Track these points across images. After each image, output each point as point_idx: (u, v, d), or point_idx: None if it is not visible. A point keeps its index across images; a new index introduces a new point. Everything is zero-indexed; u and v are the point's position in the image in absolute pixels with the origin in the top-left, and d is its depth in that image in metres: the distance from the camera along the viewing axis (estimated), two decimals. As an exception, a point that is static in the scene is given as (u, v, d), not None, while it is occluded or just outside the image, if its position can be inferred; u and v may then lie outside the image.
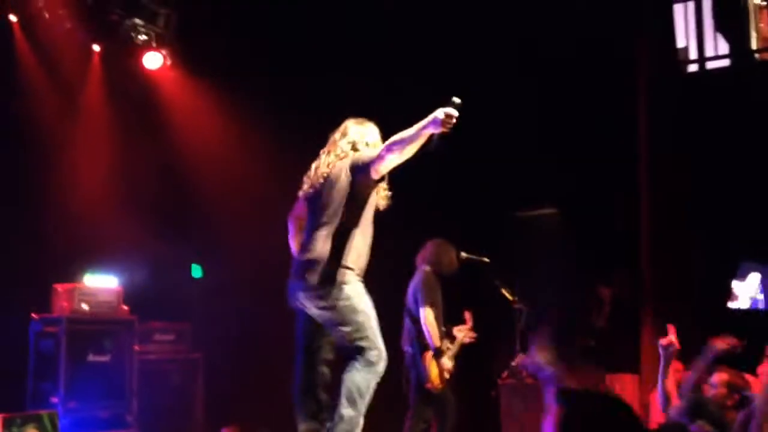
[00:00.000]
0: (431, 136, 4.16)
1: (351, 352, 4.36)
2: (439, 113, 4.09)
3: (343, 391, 4.32)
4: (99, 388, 6.45)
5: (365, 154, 4.41)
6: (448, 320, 6.46)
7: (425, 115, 4.12)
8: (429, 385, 6.22)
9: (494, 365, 6.92)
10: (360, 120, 4.64)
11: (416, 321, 6.39)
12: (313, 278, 4.37)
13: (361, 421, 4.33)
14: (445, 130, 4.11)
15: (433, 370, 6.29)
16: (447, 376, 6.34)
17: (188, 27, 8.22)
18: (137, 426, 6.58)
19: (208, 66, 8.26)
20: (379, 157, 4.27)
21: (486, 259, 6.56)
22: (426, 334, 6.29)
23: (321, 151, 4.58)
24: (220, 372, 7.32)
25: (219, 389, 7.29)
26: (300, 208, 4.68)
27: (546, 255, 7.42)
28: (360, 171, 4.36)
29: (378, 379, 4.34)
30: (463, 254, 6.57)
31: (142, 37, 8.16)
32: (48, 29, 7.80)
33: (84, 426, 6.22)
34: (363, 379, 4.31)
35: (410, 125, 4.16)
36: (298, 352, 4.65)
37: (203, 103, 8.35)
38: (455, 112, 4.10)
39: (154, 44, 8.21)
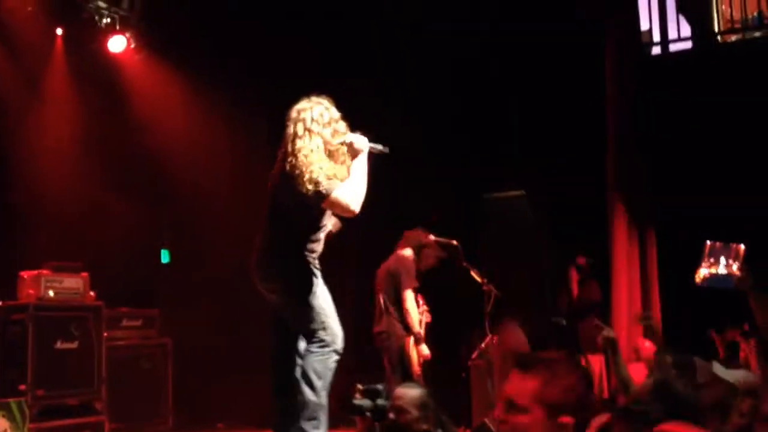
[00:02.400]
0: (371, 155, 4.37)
1: (304, 335, 4.43)
2: (360, 142, 4.35)
3: (302, 376, 4.38)
4: (67, 376, 6.37)
5: (323, 187, 4.29)
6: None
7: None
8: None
9: (464, 347, 6.98)
10: (321, 101, 4.54)
11: (389, 303, 6.44)
12: (264, 264, 4.45)
13: (325, 402, 4.37)
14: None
15: (413, 356, 6.37)
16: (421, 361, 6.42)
17: (152, 10, 8.12)
18: (106, 413, 6.54)
19: (172, 49, 8.17)
20: (337, 205, 4.31)
21: (455, 242, 6.60)
22: (407, 316, 6.36)
23: (287, 135, 4.48)
24: (189, 357, 7.29)
25: (188, 374, 7.27)
26: (271, 192, 4.70)
27: (514, 237, 7.48)
28: (316, 203, 4.34)
29: (336, 358, 4.39)
30: (432, 237, 6.61)
31: (106, 20, 8.06)
32: (10, 12, 7.67)
33: (53, 414, 6.15)
34: (318, 362, 4.37)
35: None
36: (270, 337, 4.63)
37: (168, 86, 8.25)
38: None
39: (118, 27, 8.12)
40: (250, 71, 8.19)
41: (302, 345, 4.49)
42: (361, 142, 4.40)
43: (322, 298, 4.45)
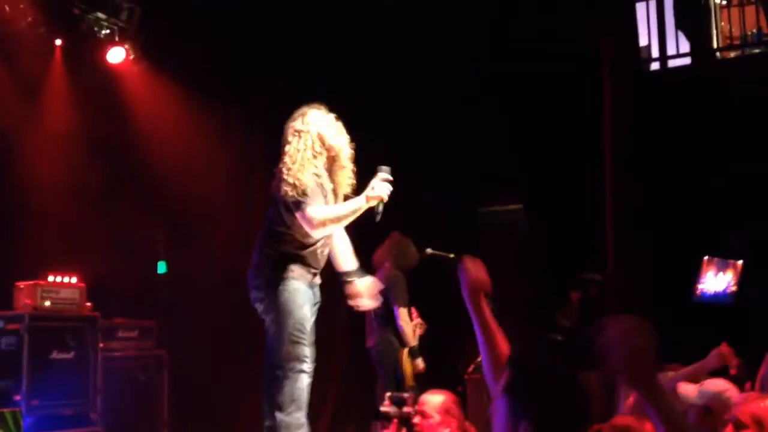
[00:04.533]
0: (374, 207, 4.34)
1: (276, 351, 4.39)
2: (376, 191, 4.28)
3: (274, 396, 4.35)
4: (63, 386, 6.34)
5: (302, 199, 4.33)
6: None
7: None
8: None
9: (460, 361, 6.97)
10: (318, 107, 4.62)
11: (384, 318, 6.43)
12: (253, 269, 4.49)
13: (297, 421, 4.34)
14: (384, 198, 4.32)
15: (408, 369, 6.36)
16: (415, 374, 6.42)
17: (151, 21, 8.14)
18: (101, 424, 6.50)
19: (171, 60, 8.19)
20: (309, 222, 4.31)
21: (451, 255, 6.59)
22: (402, 332, 6.35)
23: (287, 138, 4.54)
24: (185, 369, 7.26)
25: (184, 386, 7.23)
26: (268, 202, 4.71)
27: (510, 250, 7.48)
28: (291, 208, 4.37)
29: (307, 379, 4.36)
30: (429, 250, 6.59)
31: (105, 31, 8.08)
32: (9, 22, 7.68)
33: (47, 424, 6.12)
34: (295, 384, 4.34)
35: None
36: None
37: (167, 98, 8.26)
38: (383, 192, 4.31)
39: (116, 38, 8.14)
40: (249, 84, 8.22)
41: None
42: (379, 192, 4.37)
43: (300, 315, 4.38)
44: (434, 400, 4.09)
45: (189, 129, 8.17)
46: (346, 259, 4.76)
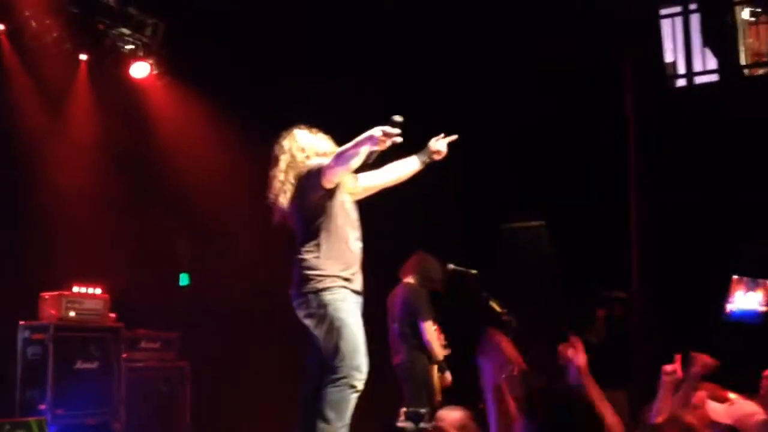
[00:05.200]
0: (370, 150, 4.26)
1: (329, 363, 4.32)
2: (377, 131, 4.18)
3: (320, 404, 4.28)
4: (86, 396, 6.39)
5: (316, 164, 4.42)
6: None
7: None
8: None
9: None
10: (308, 128, 4.66)
11: (409, 334, 6.43)
12: (296, 287, 4.41)
13: None
14: (381, 147, 4.21)
15: (437, 384, 6.36)
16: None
17: (175, 37, 8.23)
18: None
19: (195, 75, 8.27)
20: (329, 168, 4.33)
21: (474, 271, 6.60)
22: (429, 347, 6.35)
23: (271, 162, 4.59)
24: (206, 380, 7.27)
25: (206, 398, 7.23)
26: (282, 216, 4.64)
27: (533, 267, 7.48)
28: (313, 182, 4.39)
29: (355, 393, 4.29)
30: (451, 266, 6.60)
31: (129, 47, 8.17)
32: (35, 38, 7.78)
33: (72, 432, 6.18)
34: (335, 393, 4.27)
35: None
36: (308, 362, 4.57)
37: (190, 112, 8.34)
38: (394, 131, 4.18)
39: (140, 53, 8.23)
40: (270, 99, 8.27)
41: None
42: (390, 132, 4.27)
43: (348, 327, 4.34)
44: (451, 416, 4.05)
45: (211, 142, 8.23)
46: (403, 164, 4.77)
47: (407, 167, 4.77)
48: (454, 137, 4.80)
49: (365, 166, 4.40)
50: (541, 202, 7.44)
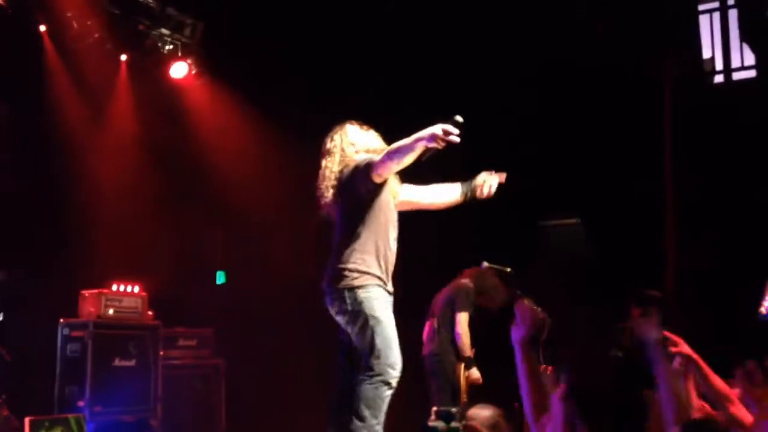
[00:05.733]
0: (426, 148, 4.20)
1: (362, 359, 4.33)
2: (437, 129, 4.14)
3: (354, 402, 4.27)
4: (124, 393, 6.47)
5: (368, 159, 4.43)
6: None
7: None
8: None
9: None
10: (360, 124, 4.66)
11: (446, 327, 6.43)
12: (331, 283, 4.41)
13: (377, 430, 4.27)
14: (439, 146, 4.16)
15: (463, 382, 6.33)
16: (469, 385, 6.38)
17: (214, 37, 8.30)
18: (161, 431, 6.62)
19: (233, 74, 8.33)
20: (381, 162, 4.31)
21: (509, 269, 6.55)
22: (458, 339, 6.33)
23: (322, 154, 4.60)
24: (242, 378, 7.33)
25: (241, 395, 7.29)
26: (328, 211, 4.68)
27: (569, 264, 7.39)
28: (363, 176, 4.39)
29: (389, 391, 4.28)
30: (486, 264, 6.57)
31: (169, 47, 8.27)
32: (76, 39, 7.91)
33: (110, 430, 6.26)
34: (370, 390, 4.26)
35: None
36: (339, 359, 4.58)
37: (229, 111, 8.41)
38: (454, 131, 4.14)
39: (180, 53, 8.32)
40: (306, 97, 8.29)
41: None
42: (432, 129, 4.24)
43: (382, 325, 4.33)
44: (482, 414, 3.99)
45: (249, 141, 8.29)
46: (446, 190, 4.76)
47: (449, 195, 4.75)
48: (503, 176, 4.73)
49: (416, 171, 4.38)
50: (577, 199, 7.34)
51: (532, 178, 7.42)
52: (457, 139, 4.15)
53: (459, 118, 4.18)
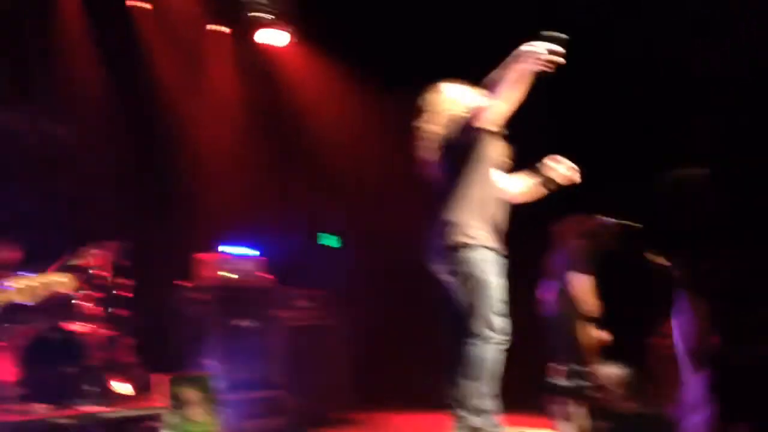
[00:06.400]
0: (531, 74, 4.00)
1: (471, 321, 4.24)
2: (539, 48, 3.95)
3: (463, 365, 4.21)
4: (245, 354, 6.47)
5: (468, 106, 4.35)
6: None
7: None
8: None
9: (645, 332, 6.71)
10: (456, 81, 4.58)
11: (562, 287, 6.29)
12: (439, 242, 4.32)
13: (487, 391, 4.20)
14: (546, 69, 3.97)
15: (587, 341, 6.17)
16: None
17: (312, 4, 8.25)
18: (286, 389, 6.61)
19: (334, 42, 8.28)
20: (483, 107, 4.19)
21: (635, 224, 6.37)
22: (580, 301, 6.18)
23: (422, 114, 4.52)
24: (360, 338, 7.26)
25: (364, 355, 7.22)
26: (431, 171, 4.58)
27: (695, 219, 7.14)
28: (465, 128, 4.29)
29: (498, 353, 4.19)
30: (611, 220, 6.40)
31: (268, 16, 8.27)
32: (177, 11, 7.98)
33: (234, 388, 6.26)
34: (478, 353, 4.18)
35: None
36: (448, 320, 4.48)
37: (330, 80, 8.37)
38: (559, 49, 3.93)
39: (279, 22, 8.32)
40: (408, 62, 8.18)
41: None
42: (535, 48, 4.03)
43: (491, 287, 4.24)
44: (612, 374, 3.89)
45: (354, 109, 8.22)
46: (521, 181, 4.66)
47: (523, 187, 4.64)
48: (577, 176, 4.64)
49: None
50: (706, 150, 7.07)
51: (656, 127, 7.21)
52: (563, 60, 3.97)
53: (560, 35, 3.97)
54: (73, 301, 5.75)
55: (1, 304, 3.09)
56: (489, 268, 4.26)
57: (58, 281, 3.25)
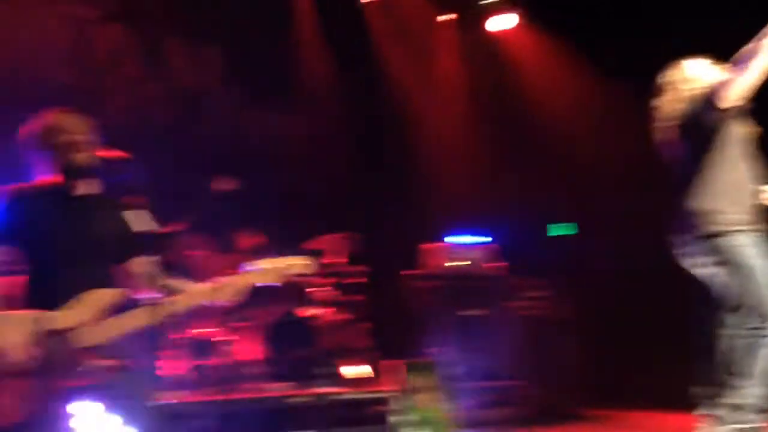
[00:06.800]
0: None
1: (735, 313, 3.92)
2: None
3: (728, 360, 3.90)
4: (474, 343, 6.43)
5: (709, 83, 4.03)
6: None
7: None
8: None
9: None
10: (697, 58, 4.26)
11: None
12: (690, 233, 4.01)
13: (756, 392, 3.85)
14: None
15: None
16: None
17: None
18: (516, 379, 6.51)
19: (559, 23, 8.03)
20: (726, 82, 3.88)
21: None
22: None
23: (660, 93, 4.28)
24: (591, 331, 6.99)
25: (594, 349, 6.95)
26: (671, 153, 4.26)
27: None
28: (707, 105, 3.98)
29: None
30: None
31: (493, 0, 8.21)
32: (405, 3, 8.11)
33: (461, 377, 6.23)
34: (747, 347, 3.85)
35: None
36: (702, 313, 4.17)
37: (558, 61, 8.16)
38: None
39: (504, 6, 8.23)
40: (638, 42, 7.75)
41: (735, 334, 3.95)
42: None
43: (754, 272, 3.88)
44: None
45: (581, 90, 7.94)
46: None
47: None
48: None
49: None
50: None
51: None
52: None
53: None
54: (309, 287, 5.99)
55: (245, 286, 3.23)
56: (751, 252, 3.93)
57: (301, 263, 3.33)
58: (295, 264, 3.34)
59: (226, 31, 7.41)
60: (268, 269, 3.29)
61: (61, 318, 2.93)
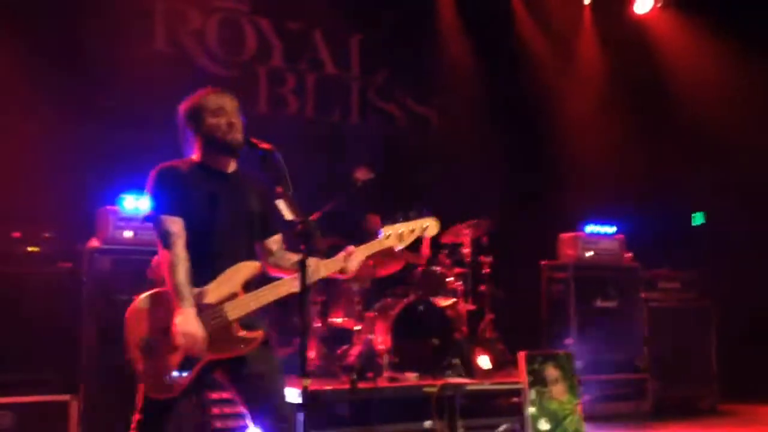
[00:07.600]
0: None
1: None
2: None
3: None
4: (608, 333, 6.49)
5: None
6: None
7: None
8: None
9: None
10: None
11: None
12: None
13: None
14: None
15: None
16: None
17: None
18: (648, 371, 6.55)
19: (698, 3, 7.81)
20: None
21: None
22: None
23: None
24: (734, 322, 6.85)
25: (734, 341, 6.83)
26: None
27: None
28: None
29: None
30: None
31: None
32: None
33: (594, 367, 6.31)
34: None
35: None
36: None
37: (701, 43, 7.89)
38: None
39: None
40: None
41: None
42: None
43: None
44: None
45: (726, 73, 7.66)
46: None
47: None
48: None
49: None
50: None
51: None
52: None
53: None
54: (447, 278, 6.12)
55: (371, 253, 3.34)
56: None
57: (422, 225, 3.37)
58: (417, 226, 3.38)
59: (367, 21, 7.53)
60: (389, 234, 3.34)
61: (212, 292, 3.09)
